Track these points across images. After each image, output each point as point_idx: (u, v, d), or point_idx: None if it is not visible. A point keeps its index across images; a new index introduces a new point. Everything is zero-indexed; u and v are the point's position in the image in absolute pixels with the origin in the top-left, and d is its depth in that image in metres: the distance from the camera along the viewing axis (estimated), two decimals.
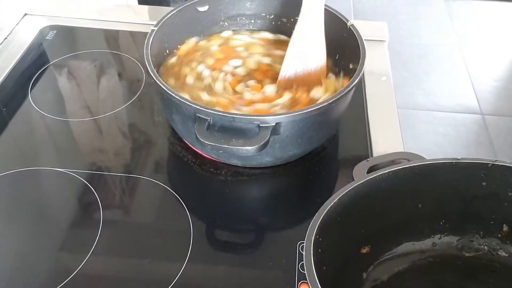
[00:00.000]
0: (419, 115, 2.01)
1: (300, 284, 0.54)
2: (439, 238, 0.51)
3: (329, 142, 0.70)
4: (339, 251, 0.45)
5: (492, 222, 0.50)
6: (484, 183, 0.48)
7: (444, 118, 2.00)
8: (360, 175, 0.48)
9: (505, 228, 0.50)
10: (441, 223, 0.51)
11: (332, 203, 0.43)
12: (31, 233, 0.59)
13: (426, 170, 0.47)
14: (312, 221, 0.43)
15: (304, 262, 0.40)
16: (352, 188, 0.44)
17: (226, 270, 0.56)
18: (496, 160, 0.47)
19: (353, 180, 0.48)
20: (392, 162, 0.50)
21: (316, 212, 0.61)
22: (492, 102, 2.09)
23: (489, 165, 0.47)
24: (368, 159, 0.50)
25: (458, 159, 0.47)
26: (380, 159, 0.51)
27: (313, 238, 0.41)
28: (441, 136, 1.93)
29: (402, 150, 0.64)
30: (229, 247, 0.59)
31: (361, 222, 0.47)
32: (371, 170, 0.50)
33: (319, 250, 0.41)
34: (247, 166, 0.66)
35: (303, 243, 0.57)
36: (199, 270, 0.56)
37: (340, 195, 0.44)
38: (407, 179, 0.47)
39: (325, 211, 0.43)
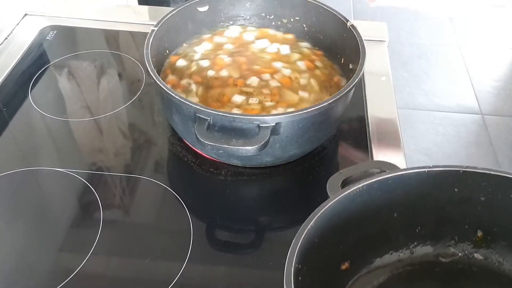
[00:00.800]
0: (419, 115, 2.01)
1: None
2: (415, 246, 0.52)
3: (329, 142, 0.70)
4: (319, 272, 0.45)
5: (466, 226, 0.51)
6: (456, 189, 0.49)
7: (444, 118, 2.00)
8: (334, 189, 0.48)
9: (479, 233, 0.51)
10: (417, 230, 0.51)
11: (309, 227, 0.42)
12: (31, 233, 0.59)
13: (399, 180, 0.48)
14: (290, 249, 0.41)
15: None
16: (327, 207, 0.44)
17: (226, 270, 0.56)
18: (467, 167, 0.47)
19: (333, 191, 0.48)
20: (365, 173, 0.50)
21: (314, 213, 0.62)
22: (492, 102, 2.09)
23: (461, 171, 0.48)
24: (341, 171, 0.50)
25: (430, 167, 0.48)
26: (353, 170, 0.50)
27: (292, 268, 0.40)
28: (441, 136, 1.93)
29: (381, 159, 0.64)
30: (229, 247, 0.59)
31: (338, 239, 0.47)
32: (344, 182, 0.49)
33: (300, 278, 0.41)
34: (247, 166, 0.66)
35: None
36: (199, 270, 0.56)
37: (316, 217, 0.43)
38: (381, 191, 0.47)
39: (302, 236, 0.42)
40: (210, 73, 0.71)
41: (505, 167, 1.81)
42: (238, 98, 0.67)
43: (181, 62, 0.72)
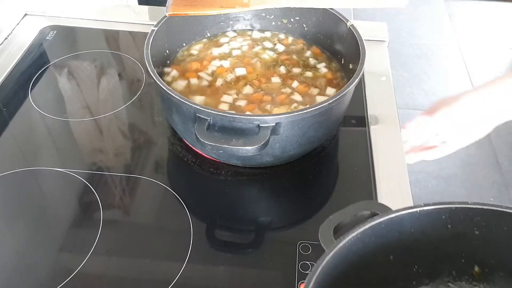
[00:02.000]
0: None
1: (300, 284, 0.54)
2: (415, 286, 0.51)
3: (329, 142, 0.70)
4: None
5: (463, 261, 0.51)
6: (449, 226, 0.48)
7: None
8: (327, 239, 0.48)
9: (476, 268, 0.51)
10: (414, 269, 0.51)
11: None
12: (31, 233, 0.59)
13: (391, 223, 0.47)
14: None
15: None
16: (324, 264, 0.44)
17: (226, 270, 0.56)
18: (458, 203, 0.47)
19: (326, 241, 0.47)
20: (355, 216, 0.50)
21: (316, 214, 0.62)
22: None
23: (453, 208, 0.47)
24: (330, 217, 0.49)
25: (422, 206, 0.47)
26: (343, 215, 0.50)
27: None
28: None
29: (372, 199, 0.63)
30: (229, 247, 0.59)
31: None
32: (336, 228, 0.49)
33: None
34: (247, 166, 0.66)
35: (303, 243, 0.57)
36: (199, 270, 0.56)
37: (314, 278, 0.43)
38: (375, 236, 0.47)
39: None
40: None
41: (505, 167, 1.81)
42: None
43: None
